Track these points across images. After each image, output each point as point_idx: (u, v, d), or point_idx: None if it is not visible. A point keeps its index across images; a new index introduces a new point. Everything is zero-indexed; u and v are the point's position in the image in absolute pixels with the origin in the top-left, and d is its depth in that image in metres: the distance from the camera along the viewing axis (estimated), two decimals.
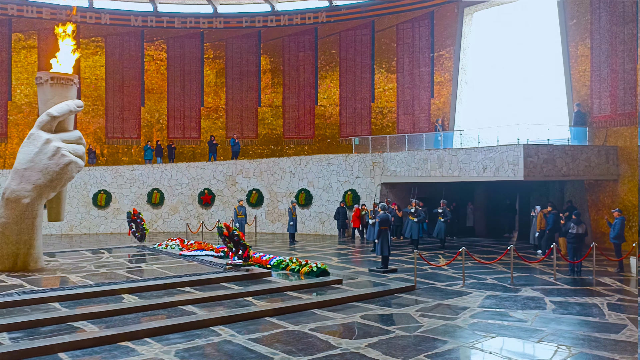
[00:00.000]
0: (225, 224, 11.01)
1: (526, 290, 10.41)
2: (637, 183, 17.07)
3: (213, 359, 6.44)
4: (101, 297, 8.82)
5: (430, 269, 12.81)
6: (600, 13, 18.31)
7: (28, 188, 10.23)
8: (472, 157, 17.78)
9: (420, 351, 6.61)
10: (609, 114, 18.04)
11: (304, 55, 26.70)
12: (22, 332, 7.16)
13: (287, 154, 26.43)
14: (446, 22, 23.42)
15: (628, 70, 17.42)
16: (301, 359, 6.39)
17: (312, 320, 8.15)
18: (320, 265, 11.04)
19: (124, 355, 6.52)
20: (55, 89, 10.95)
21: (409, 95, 24.41)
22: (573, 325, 7.86)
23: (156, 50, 27.21)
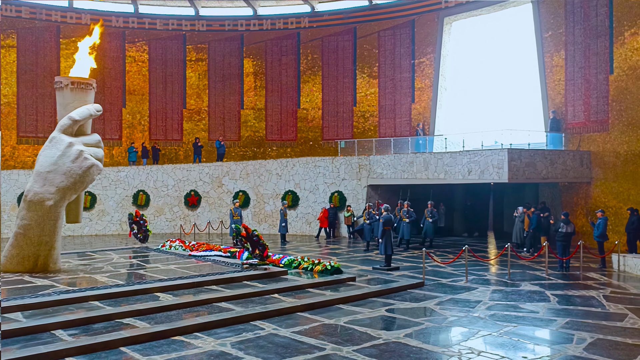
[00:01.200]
0: (244, 224, 11.49)
1: (525, 285, 11.28)
2: (608, 185, 18.33)
3: (269, 349, 6.94)
4: (137, 296, 9.17)
5: (429, 267, 13.56)
6: (575, 26, 19.54)
7: (52, 190, 10.44)
8: (457, 160, 18.69)
9: (465, 337, 7.31)
10: (582, 120, 19.28)
11: (286, 59, 27.20)
12: (77, 329, 7.48)
13: (269, 156, 26.87)
14: (426, 31, 24.36)
15: (601, 80, 18.68)
16: (350, 348, 6.97)
17: (342, 315, 8.73)
18: (334, 264, 11.63)
19: (183, 349, 6.95)
20: (75, 93, 11.18)
21: (391, 100, 25.25)
22: (580, 315, 8.70)
23: (138, 52, 27.20)
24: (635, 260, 12.90)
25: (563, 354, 6.64)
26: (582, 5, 19.28)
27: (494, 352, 6.74)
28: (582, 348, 6.89)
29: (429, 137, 22.12)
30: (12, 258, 10.70)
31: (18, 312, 8.01)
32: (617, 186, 18.04)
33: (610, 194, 18.26)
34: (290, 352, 6.81)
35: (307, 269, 11.90)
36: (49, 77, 25.87)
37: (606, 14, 18.50)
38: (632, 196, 17.43)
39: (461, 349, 6.86)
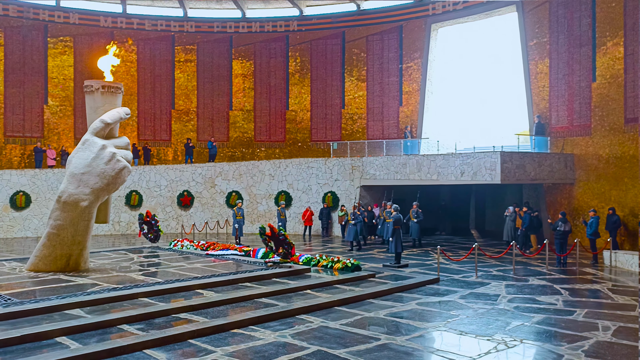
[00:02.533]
0: (270, 224, 11.98)
1: (533, 279, 12.14)
2: (591, 186, 19.51)
3: (328, 339, 7.47)
4: (180, 293, 9.57)
5: (435, 264, 14.32)
6: (559, 36, 20.67)
7: (86, 192, 10.71)
8: (450, 162, 19.55)
9: (501, 327, 8.01)
10: (566, 125, 20.42)
11: (275, 62, 27.65)
12: (141, 324, 7.86)
13: (258, 157, 27.27)
14: (414, 36, 25.21)
15: (583, 87, 19.84)
16: (403, 337, 7.58)
17: (378, 308, 9.34)
18: (353, 262, 12.23)
19: (248, 340, 7.42)
20: (105, 96, 11.44)
21: (379, 103, 26.01)
22: (595, 306, 9.55)
23: (126, 52, 27.16)
24: (627, 256, 13.96)
25: (596, 340, 7.41)
26: (566, 16, 20.42)
27: (534, 341, 7.46)
28: (610, 334, 7.68)
29: (421, 139, 22.92)
30: (44, 258, 10.92)
31: (77, 308, 8.32)
32: (599, 187, 19.21)
33: (592, 194, 19.43)
34: (350, 342, 7.37)
35: (326, 267, 12.45)
36: (36, 76, 25.66)
37: (589, 24, 19.67)
38: (613, 197, 18.61)
39: (503, 337, 7.55)
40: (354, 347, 7.11)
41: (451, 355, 6.79)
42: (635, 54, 18.18)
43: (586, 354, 6.77)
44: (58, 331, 7.21)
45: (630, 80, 18.34)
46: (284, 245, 11.99)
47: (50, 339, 7.08)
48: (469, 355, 6.75)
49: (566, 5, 20.40)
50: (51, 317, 7.86)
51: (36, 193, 22.51)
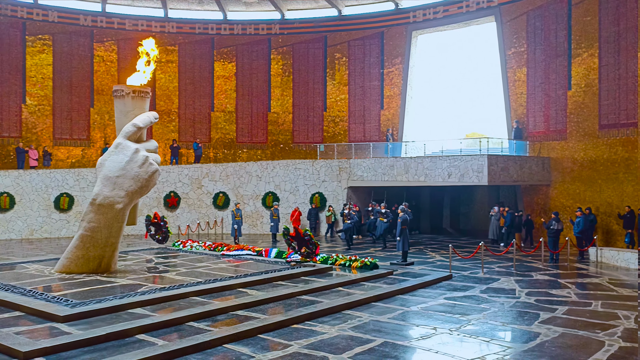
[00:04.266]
0: (295, 225, 12.44)
1: (536, 274, 13.13)
2: (566, 188, 20.89)
3: (388, 331, 8.08)
4: (226, 292, 9.97)
5: (436, 261, 15.17)
6: (536, 46, 21.99)
7: (121, 194, 10.91)
8: (437, 164, 20.50)
9: (534, 318, 8.82)
10: (542, 130, 21.75)
11: (257, 64, 27.97)
12: (206, 321, 8.25)
13: (240, 158, 27.55)
14: (395, 42, 26.10)
15: (559, 95, 21.21)
16: (453, 326, 8.27)
17: (412, 303, 10.01)
18: (372, 260, 12.88)
19: (313, 334, 7.93)
20: (135, 101, 11.66)
21: (360, 106, 26.77)
22: (606, 297, 10.55)
23: (106, 51, 26.91)
24: (612, 252, 15.22)
25: (624, 328, 8.33)
26: (542, 28, 21.75)
27: (570, 329, 8.30)
28: (633, 322, 8.64)
29: (406, 142, 23.79)
30: (77, 259, 11.04)
31: (139, 307, 8.61)
32: (574, 188, 20.60)
33: (567, 195, 20.81)
34: (410, 332, 8.01)
35: (344, 265, 13.04)
36: (14, 74, 25.08)
37: (565, 36, 21.04)
38: (587, 197, 20.02)
39: (541, 328, 8.36)
40: (416, 338, 7.75)
41: (507, 344, 7.53)
42: (609, 65, 19.63)
43: (623, 340, 7.65)
44: (136, 329, 7.52)
45: (605, 89, 19.78)
46: (308, 245, 12.50)
47: (131, 337, 7.40)
48: (520, 343, 7.51)
49: (543, 17, 21.73)
50: (120, 316, 8.13)
51: (20, 194, 22.05)
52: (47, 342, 6.80)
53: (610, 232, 18.79)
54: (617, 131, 19.40)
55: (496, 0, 23.17)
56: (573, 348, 7.27)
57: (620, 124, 19.34)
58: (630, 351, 7.12)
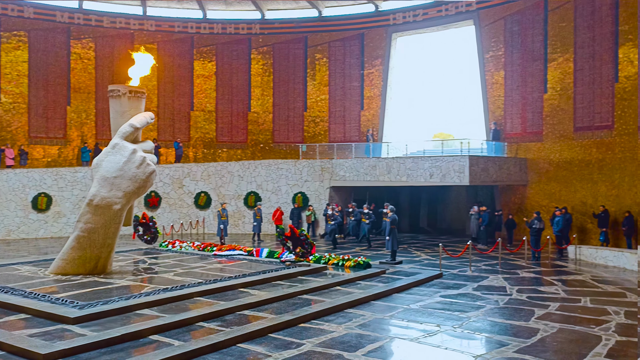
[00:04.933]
0: (290, 225, 12.60)
1: (522, 272, 13.59)
2: (542, 187, 21.56)
3: (392, 328, 8.32)
4: (228, 292, 10.05)
5: (423, 260, 15.52)
6: (513, 50, 22.61)
7: (119, 195, 10.87)
8: (419, 165, 20.90)
9: (529, 314, 9.19)
10: (519, 132, 22.39)
11: (237, 63, 27.94)
12: (217, 321, 8.34)
13: (220, 157, 27.49)
14: (375, 44, 26.44)
15: (536, 98, 21.86)
16: (457, 326, 8.56)
17: (410, 302, 10.27)
18: (364, 259, 13.12)
19: (322, 332, 8.10)
20: (132, 101, 11.61)
21: (341, 106, 27.03)
22: (593, 294, 11.03)
23: (83, 49, 26.49)
24: (591, 250, 15.84)
25: (616, 322, 8.77)
26: (520, 33, 22.38)
27: (567, 325, 8.69)
28: (623, 317, 9.09)
29: (388, 143, 24.13)
30: (73, 261, 10.95)
31: (146, 308, 8.64)
32: (550, 188, 21.28)
33: (543, 195, 21.48)
34: (415, 329, 8.26)
35: (337, 265, 13.25)
36: None
37: (541, 41, 21.71)
38: (562, 197, 20.71)
39: (540, 324, 8.73)
40: (422, 336, 8.00)
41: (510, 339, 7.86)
42: (584, 70, 20.35)
43: (618, 334, 8.06)
44: (150, 330, 7.58)
45: (579, 93, 20.51)
46: (303, 245, 12.66)
47: (145, 337, 7.45)
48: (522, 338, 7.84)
49: (520, 22, 22.36)
50: (129, 317, 8.16)
51: None
52: (63, 344, 6.80)
53: (585, 231, 19.50)
54: (592, 133, 20.13)
55: (475, 5, 23.72)
56: (573, 343, 7.64)
57: (594, 126, 20.08)
58: (627, 345, 7.53)
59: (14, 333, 7.27)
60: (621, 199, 18.85)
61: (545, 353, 7.17)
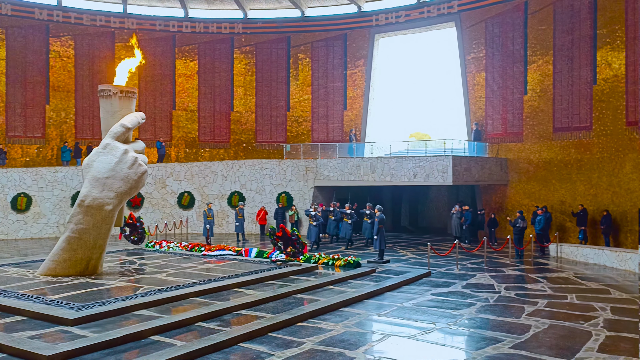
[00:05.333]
0: (282, 225, 12.67)
1: (507, 270, 13.90)
2: (522, 187, 22.00)
3: (389, 326, 8.45)
4: (222, 292, 10.09)
5: (410, 259, 15.74)
6: (494, 52, 23.01)
7: (111, 195, 10.81)
8: (403, 165, 21.14)
9: (520, 311, 9.43)
10: (500, 132, 22.80)
11: (220, 63, 27.84)
12: (215, 321, 8.38)
13: (202, 157, 27.38)
14: (358, 44, 26.63)
15: (516, 99, 22.30)
16: (453, 322, 8.74)
17: (403, 300, 10.43)
18: (354, 259, 13.26)
19: (321, 331, 8.19)
20: (122, 101, 11.54)
21: (324, 106, 27.14)
22: (578, 291, 11.34)
23: (63, 47, 26.10)
24: (571, 248, 16.26)
25: (604, 319, 9.06)
26: (500, 35, 22.79)
27: (558, 321, 8.95)
28: (610, 313, 9.39)
29: (374, 143, 24.31)
30: (63, 262, 10.86)
31: (143, 309, 8.63)
32: (530, 188, 21.73)
33: (523, 194, 21.92)
34: (412, 327, 8.42)
35: (327, 264, 13.36)
36: None
37: (522, 44, 22.14)
38: (542, 196, 21.17)
39: (531, 321, 8.97)
40: (420, 333, 8.16)
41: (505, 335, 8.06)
42: (563, 72, 20.83)
43: (607, 329, 8.34)
44: (149, 331, 7.58)
45: (559, 95, 20.99)
46: (295, 244, 12.74)
47: (146, 338, 7.46)
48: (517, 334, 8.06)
49: (501, 25, 22.77)
50: (127, 318, 8.15)
51: None
52: (66, 345, 6.78)
53: (564, 229, 19.97)
54: (570, 134, 20.63)
55: (456, 7, 24.07)
56: (565, 338, 7.88)
57: (573, 127, 20.58)
58: (617, 340, 7.80)
59: (13, 335, 7.21)
60: (599, 198, 19.36)
61: (540, 348, 7.39)
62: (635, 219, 18.09)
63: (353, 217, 19.74)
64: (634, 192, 18.28)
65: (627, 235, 18.40)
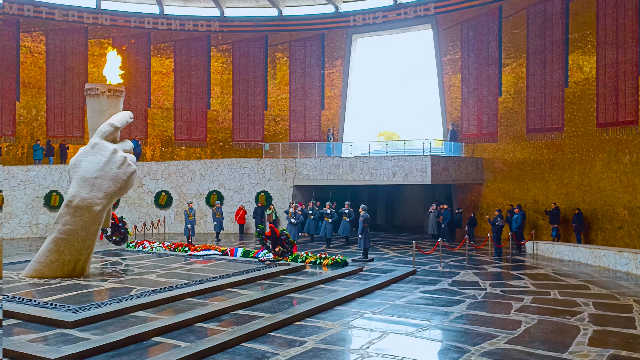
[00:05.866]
0: (271, 225, 12.72)
1: (489, 267, 14.27)
2: (497, 186, 22.55)
3: (386, 324, 8.63)
4: (216, 292, 10.11)
5: (393, 257, 16.00)
6: (469, 54, 23.49)
7: (100, 196, 10.69)
8: (382, 164, 21.39)
9: (508, 307, 9.73)
10: (475, 132, 23.30)
11: (196, 61, 27.63)
12: (214, 321, 8.41)
13: (178, 156, 27.14)
14: (335, 44, 26.79)
15: (491, 100, 22.82)
16: (446, 320, 8.97)
17: (394, 298, 10.62)
18: (342, 258, 13.42)
19: (321, 330, 8.29)
20: (111, 100, 11.41)
21: (301, 106, 27.23)
22: (559, 287, 11.75)
23: (34, 42, 25.49)
24: (547, 245, 16.78)
25: (588, 313, 9.44)
26: (475, 38, 23.28)
27: (545, 316, 9.27)
28: (593, 308, 9.78)
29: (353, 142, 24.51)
30: (50, 263, 10.69)
31: (140, 310, 8.59)
32: (504, 187, 22.29)
33: (498, 193, 22.47)
34: (408, 324, 8.62)
35: (315, 263, 13.48)
36: None
37: (496, 46, 22.67)
38: (516, 195, 21.74)
39: (520, 316, 9.28)
40: (417, 330, 8.36)
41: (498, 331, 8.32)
42: (536, 75, 21.42)
43: (594, 323, 8.70)
44: (151, 332, 7.57)
45: (532, 96, 21.57)
46: (284, 244, 12.81)
47: (148, 339, 7.45)
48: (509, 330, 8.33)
49: (476, 28, 23.25)
50: (126, 320, 8.11)
51: None
52: (70, 348, 6.72)
53: (537, 227, 20.54)
54: (543, 135, 21.23)
55: (432, 10, 24.46)
56: (555, 333, 8.19)
57: (545, 128, 21.19)
58: (605, 334, 8.14)
59: (12, 339, 7.11)
60: (570, 197, 20.01)
61: (534, 343, 7.67)
62: (605, 217, 18.78)
63: (334, 216, 19.88)
64: (604, 191, 18.96)
65: (597, 232, 19.08)
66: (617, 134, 18.67)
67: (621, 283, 12.40)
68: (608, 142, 18.99)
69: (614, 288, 11.73)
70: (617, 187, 18.46)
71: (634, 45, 18.02)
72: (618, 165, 18.54)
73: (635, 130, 18.00)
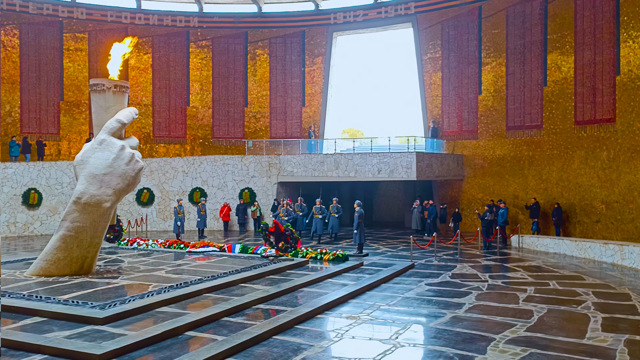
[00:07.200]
0: (275, 220, 12.82)
1: (482, 260, 14.73)
2: (477, 182, 23.17)
3: (404, 316, 8.89)
4: (229, 287, 10.17)
5: (388, 252, 16.32)
6: (450, 53, 24.03)
7: (109, 192, 10.60)
8: (367, 160, 21.70)
9: (515, 298, 10.13)
10: (456, 130, 23.87)
11: (175, 56, 27.33)
12: (239, 315, 8.50)
13: (157, 153, 26.83)
14: (316, 42, 26.95)
15: (471, 98, 23.42)
16: (461, 310, 9.30)
17: (404, 290, 10.90)
18: (342, 253, 13.63)
19: (343, 323, 8.52)
20: (116, 96, 11.30)
21: (282, 103, 27.29)
22: (555, 277, 12.26)
23: (7, 36, 24.76)
24: (532, 239, 17.41)
25: (591, 302, 9.93)
26: (456, 37, 23.83)
27: (553, 305, 9.71)
28: (593, 296, 10.29)
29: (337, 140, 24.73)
30: (58, 261, 10.54)
31: (164, 306, 8.60)
32: (484, 183, 22.93)
33: (478, 188, 23.10)
34: (425, 316, 8.90)
35: (315, 258, 13.65)
36: None
37: (476, 45, 23.27)
38: (496, 191, 22.41)
39: (529, 307, 9.68)
40: (434, 321, 8.65)
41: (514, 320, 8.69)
42: (516, 74, 22.10)
43: (600, 311, 9.17)
44: (183, 327, 7.61)
45: (511, 95, 22.25)
46: (288, 240, 12.92)
47: (182, 334, 7.49)
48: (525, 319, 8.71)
49: (456, 27, 23.80)
50: (154, 315, 8.12)
51: None
52: (111, 344, 6.71)
53: (517, 221, 21.22)
54: (522, 132, 21.93)
55: (413, 9, 24.89)
56: (568, 321, 8.61)
57: (524, 126, 21.89)
58: (614, 320, 8.61)
59: (47, 336, 7.04)
60: (549, 192, 20.76)
61: (552, 330, 8.05)
62: (583, 211, 19.58)
63: (324, 212, 20.07)
64: (582, 186, 19.75)
65: (575, 226, 19.87)
66: (594, 131, 19.47)
67: (610, 273, 13.02)
68: (586, 139, 19.78)
69: (606, 278, 12.32)
70: (595, 182, 19.26)
71: (611, 46, 18.82)
72: (595, 161, 19.34)
73: (612, 127, 18.83)
